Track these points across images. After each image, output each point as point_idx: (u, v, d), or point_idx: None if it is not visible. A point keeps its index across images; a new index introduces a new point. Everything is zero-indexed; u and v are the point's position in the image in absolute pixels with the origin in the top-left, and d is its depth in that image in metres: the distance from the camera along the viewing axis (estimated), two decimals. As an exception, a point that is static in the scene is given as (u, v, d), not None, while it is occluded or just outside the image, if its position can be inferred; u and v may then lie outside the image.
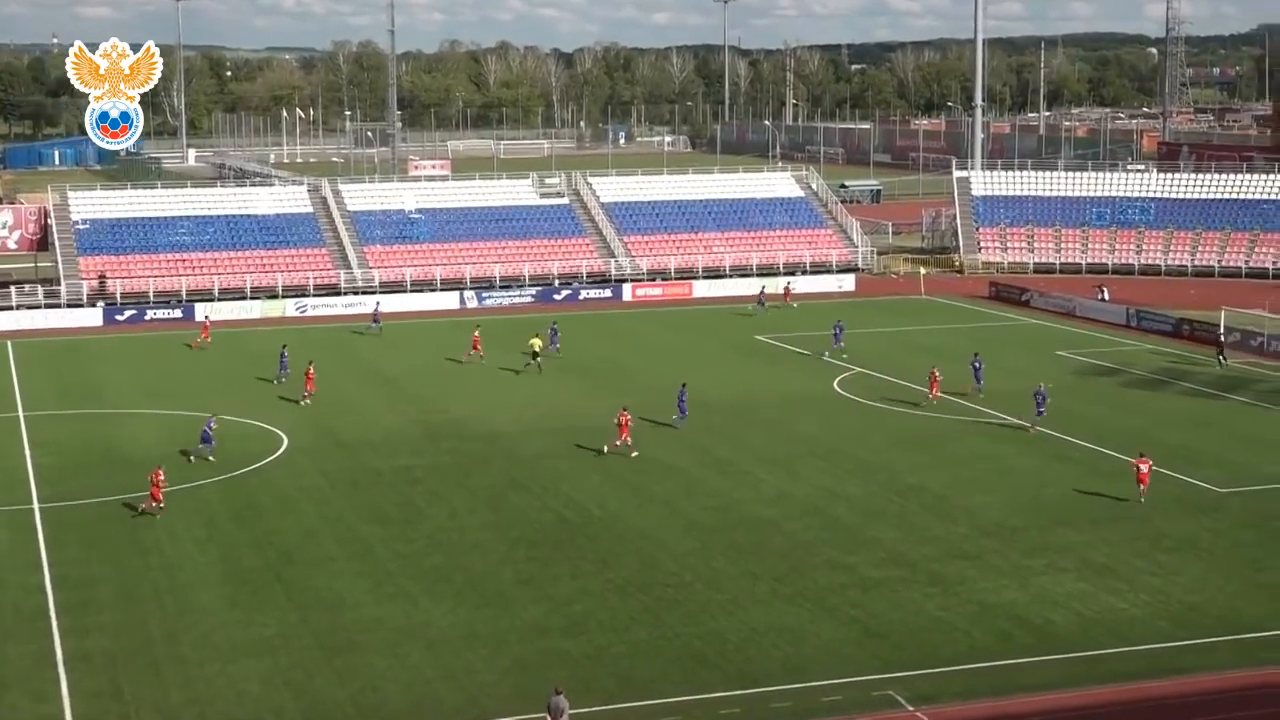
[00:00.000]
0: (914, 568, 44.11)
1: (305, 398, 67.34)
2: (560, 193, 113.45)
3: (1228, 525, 48.18)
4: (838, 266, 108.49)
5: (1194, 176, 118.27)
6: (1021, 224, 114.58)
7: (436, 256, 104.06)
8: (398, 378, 74.14)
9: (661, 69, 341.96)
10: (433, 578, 43.51)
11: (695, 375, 73.54)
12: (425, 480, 54.35)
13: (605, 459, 56.87)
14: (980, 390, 67.66)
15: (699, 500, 51.46)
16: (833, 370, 74.29)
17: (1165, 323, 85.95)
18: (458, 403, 67.69)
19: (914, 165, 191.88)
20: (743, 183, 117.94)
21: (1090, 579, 42.99)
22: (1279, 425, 62.69)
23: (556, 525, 48.70)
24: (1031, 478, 54.20)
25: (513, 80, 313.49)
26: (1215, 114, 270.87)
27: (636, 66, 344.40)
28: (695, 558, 45.15)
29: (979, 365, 68.77)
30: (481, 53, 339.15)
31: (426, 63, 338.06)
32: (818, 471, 55.15)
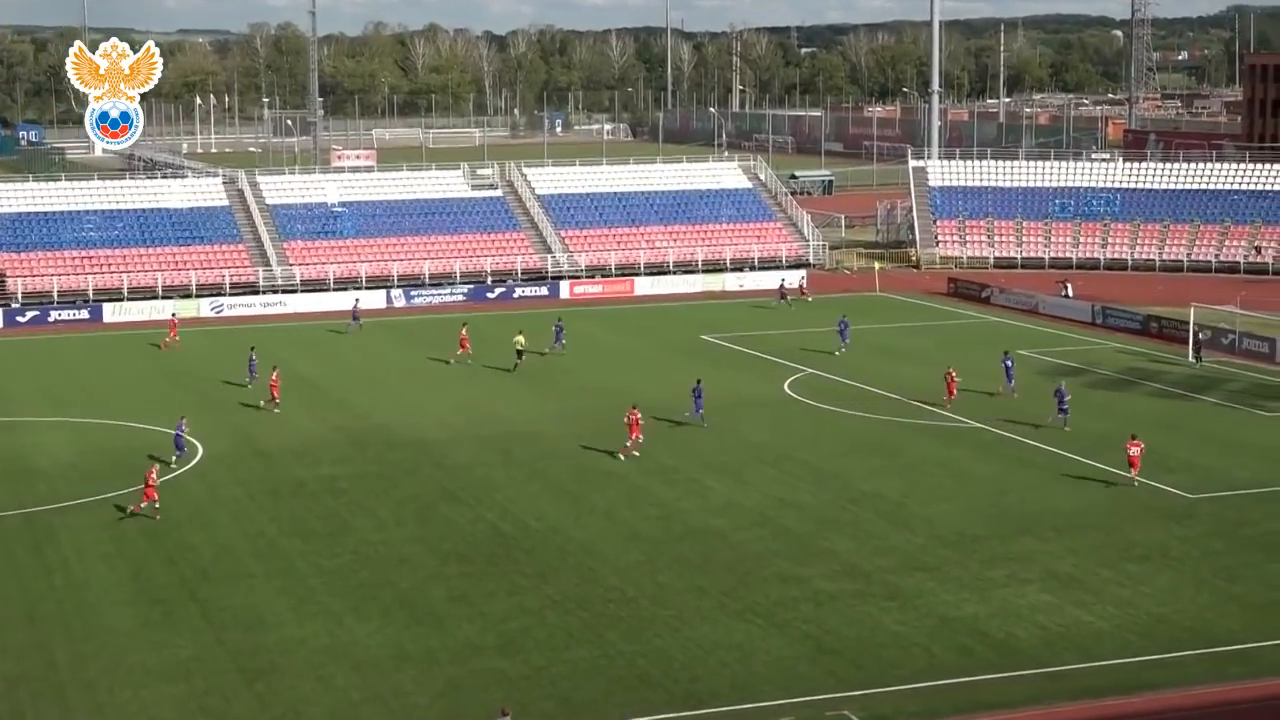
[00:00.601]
0: (869, 580, 44.28)
1: (271, 404, 66.89)
2: (493, 185, 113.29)
3: (1198, 533, 48.61)
4: (787, 262, 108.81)
5: (1161, 166, 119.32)
6: (981, 216, 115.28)
7: (361, 253, 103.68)
8: (319, 382, 73.82)
9: (600, 53, 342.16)
10: (359, 595, 43.33)
11: (637, 377, 73.63)
12: (350, 491, 54.13)
13: (542, 468, 56.83)
14: (1013, 391, 68.07)
15: (642, 510, 51.47)
16: (783, 372, 74.50)
17: (1132, 320, 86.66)
18: (383, 408, 67.48)
19: (867, 155, 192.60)
20: (687, 173, 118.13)
21: (1055, 590, 43.27)
22: (1251, 427, 63.34)
23: (490, 538, 48.61)
24: (992, 484, 54.52)
25: (442, 65, 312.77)
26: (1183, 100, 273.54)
27: (573, 50, 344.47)
28: (638, 571, 45.17)
29: (1010, 364, 69.25)
30: (408, 35, 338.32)
31: (350, 46, 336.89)
32: (768, 479, 55.28)
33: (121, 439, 62.23)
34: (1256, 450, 59.12)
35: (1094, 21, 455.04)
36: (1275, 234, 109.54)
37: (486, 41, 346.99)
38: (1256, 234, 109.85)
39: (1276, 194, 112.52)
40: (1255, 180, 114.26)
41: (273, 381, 67.54)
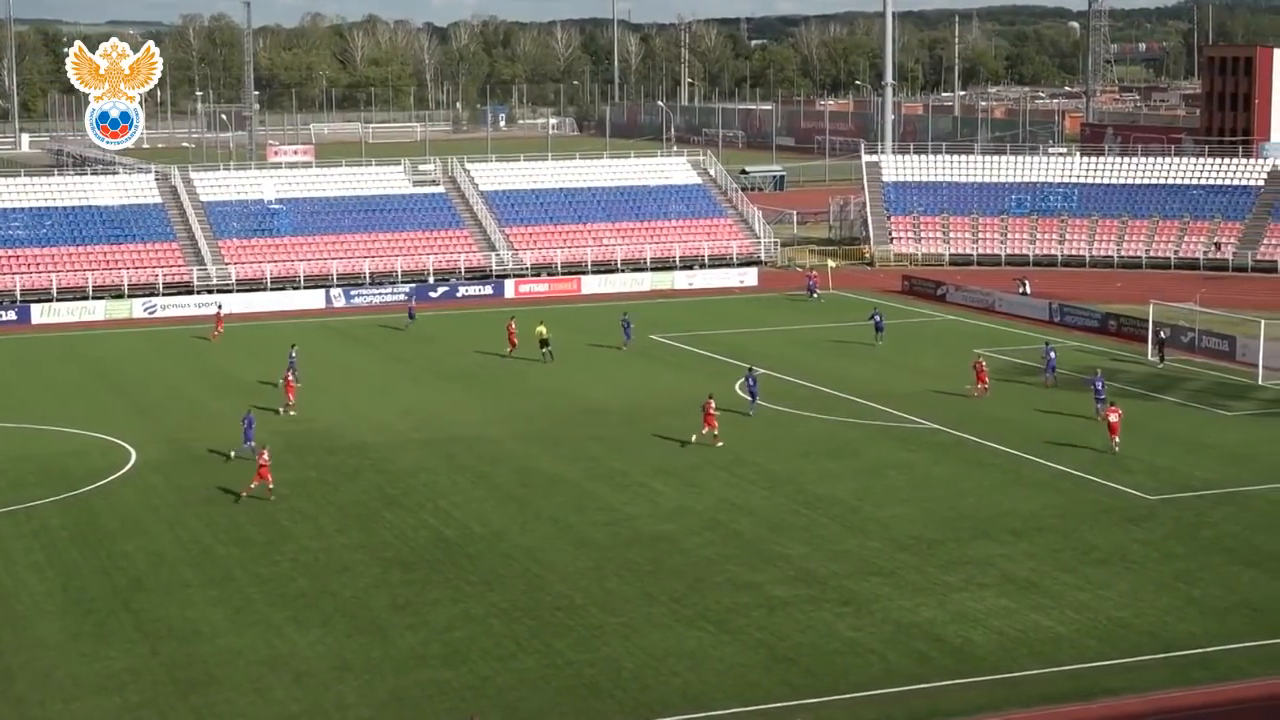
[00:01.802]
0: (824, 585, 44.43)
1: (287, 407, 66.67)
2: (435, 181, 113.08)
3: (1159, 536, 48.97)
4: (738, 259, 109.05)
5: (1119, 160, 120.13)
6: (936, 212, 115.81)
7: (299, 251, 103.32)
8: (256, 385, 73.49)
9: (545, 45, 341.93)
10: (298, 604, 43.20)
11: (585, 379, 73.65)
12: (289, 497, 53.93)
13: (487, 472, 56.79)
14: (1054, 381, 70.52)
15: (590, 515, 51.49)
16: (735, 372, 74.63)
17: (1091, 318, 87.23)
18: (323, 412, 67.26)
19: (820, 149, 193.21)
20: (634, 169, 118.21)
21: (1013, 595, 43.52)
22: (1212, 427, 63.86)
23: (434, 545, 48.54)
24: (948, 486, 54.78)
25: (382, 57, 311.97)
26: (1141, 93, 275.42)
27: (517, 42, 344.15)
28: (586, 578, 45.18)
29: (1053, 355, 71.83)
30: (347, 27, 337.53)
31: (286, 38, 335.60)
32: (719, 483, 55.39)
33: (49, 445, 61.80)
34: (1217, 451, 59.60)
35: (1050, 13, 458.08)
36: (1235, 230, 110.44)
37: (427, 33, 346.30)
38: (1216, 230, 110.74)
39: (1236, 189, 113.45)
40: (1214, 175, 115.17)
41: (288, 383, 67.23)
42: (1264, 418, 65.91)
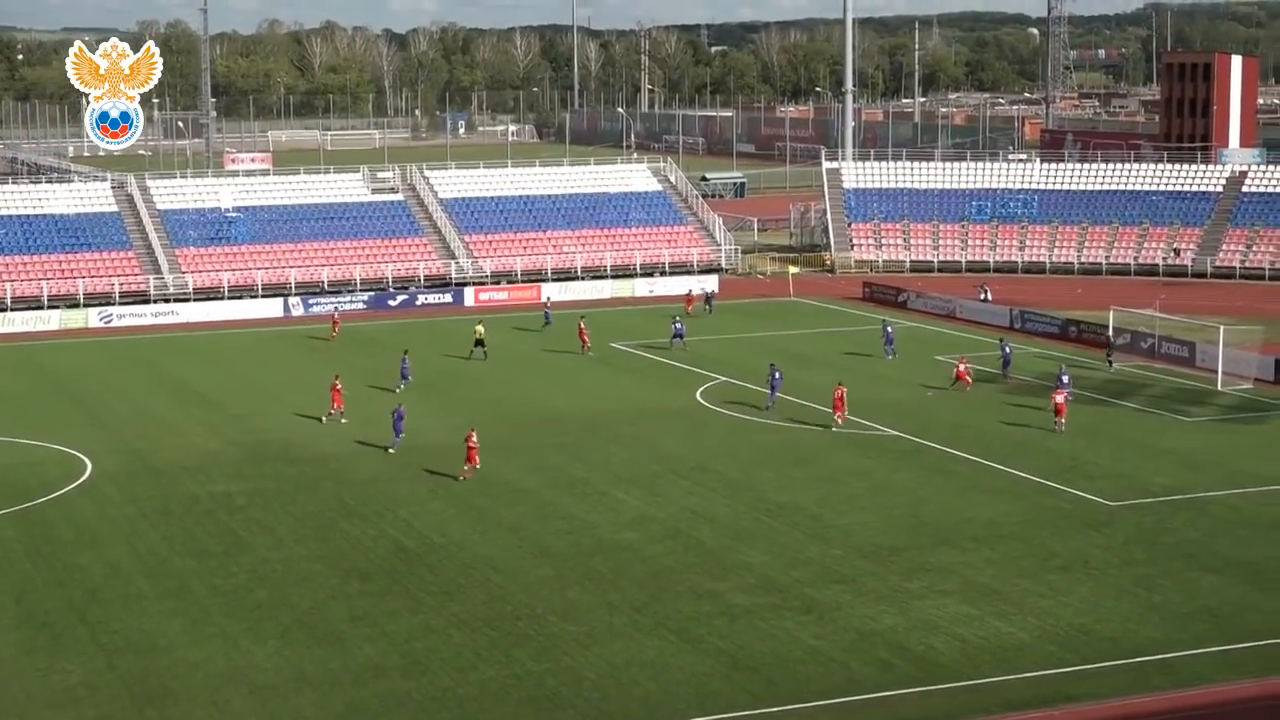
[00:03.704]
0: (785, 593, 44.46)
1: (336, 414, 66.23)
2: (394, 188, 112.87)
3: (1119, 542, 49.17)
4: (699, 266, 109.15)
5: (1079, 166, 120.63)
6: (896, 219, 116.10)
7: (257, 259, 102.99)
8: (214, 395, 73.23)
9: (504, 51, 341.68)
10: (256, 615, 43.02)
11: (545, 386, 73.57)
12: (247, 508, 53.73)
13: (446, 481, 56.64)
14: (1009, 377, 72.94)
15: (551, 525, 51.44)
16: (695, 380, 74.68)
17: (1051, 324, 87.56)
18: (282, 422, 67.02)
19: (780, 156, 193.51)
20: (594, 176, 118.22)
21: (974, 602, 43.62)
22: (1171, 433, 64.16)
23: (393, 555, 48.41)
24: (909, 494, 54.90)
25: (340, 64, 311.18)
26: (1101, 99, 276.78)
27: (477, 49, 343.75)
28: (547, 588, 45.12)
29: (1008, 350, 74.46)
30: (305, 34, 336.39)
31: (243, 45, 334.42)
32: (680, 491, 55.39)
33: (3, 456, 61.39)
34: (1176, 456, 59.89)
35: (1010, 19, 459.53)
36: (1194, 236, 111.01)
37: (386, 40, 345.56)
38: (1175, 236, 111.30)
39: (1195, 195, 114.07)
40: (1173, 181, 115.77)
41: (335, 389, 66.79)
42: (1223, 423, 66.25)
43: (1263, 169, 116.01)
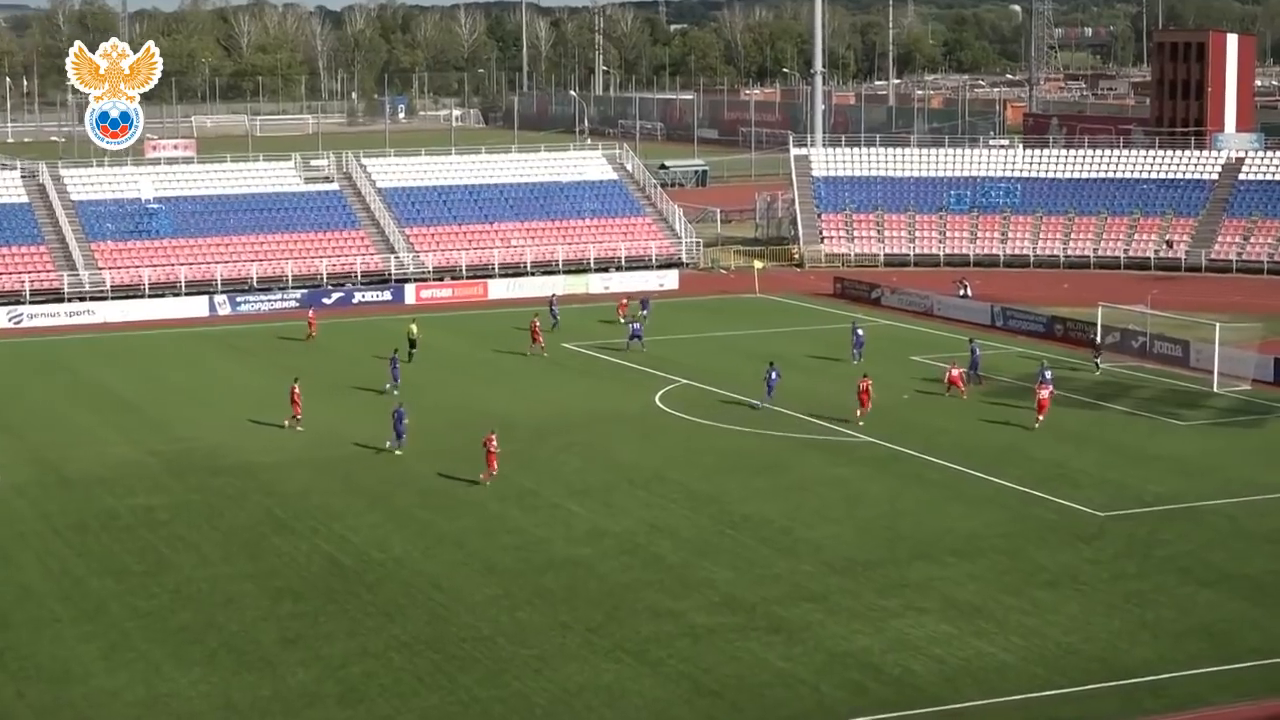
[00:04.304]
0: (751, 612, 44.47)
1: (294, 421, 65.94)
2: (329, 177, 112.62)
3: (1109, 555, 49.35)
4: (658, 261, 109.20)
5: (1065, 153, 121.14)
6: (869, 209, 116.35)
7: (180, 254, 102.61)
8: (133, 400, 72.92)
9: (447, 30, 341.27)
10: (179, 639, 42.82)
11: (492, 390, 73.46)
12: (169, 523, 53.50)
13: (386, 493, 56.52)
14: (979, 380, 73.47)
15: (499, 540, 51.35)
16: (653, 383, 74.67)
17: (1035, 322, 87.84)
18: (207, 429, 66.79)
19: (745, 142, 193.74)
20: (545, 164, 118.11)
21: (954, 620, 43.71)
22: (1164, 438, 64.44)
23: (329, 572, 48.26)
24: (885, 504, 54.99)
25: (270, 44, 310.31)
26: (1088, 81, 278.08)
27: (418, 27, 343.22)
28: (495, 607, 45.04)
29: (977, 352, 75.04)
30: (232, 11, 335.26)
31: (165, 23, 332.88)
32: (638, 503, 55.37)
33: (-94, 468, 61.06)
34: (1170, 463, 60.16)
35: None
36: (1187, 226, 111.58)
37: (319, 18, 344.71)
38: (1168, 226, 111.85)
39: (1188, 183, 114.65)
40: (1166, 168, 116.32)
41: (294, 394, 66.43)
42: (1219, 427, 66.59)
43: (1260, 155, 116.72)
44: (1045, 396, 65.34)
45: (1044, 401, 65.28)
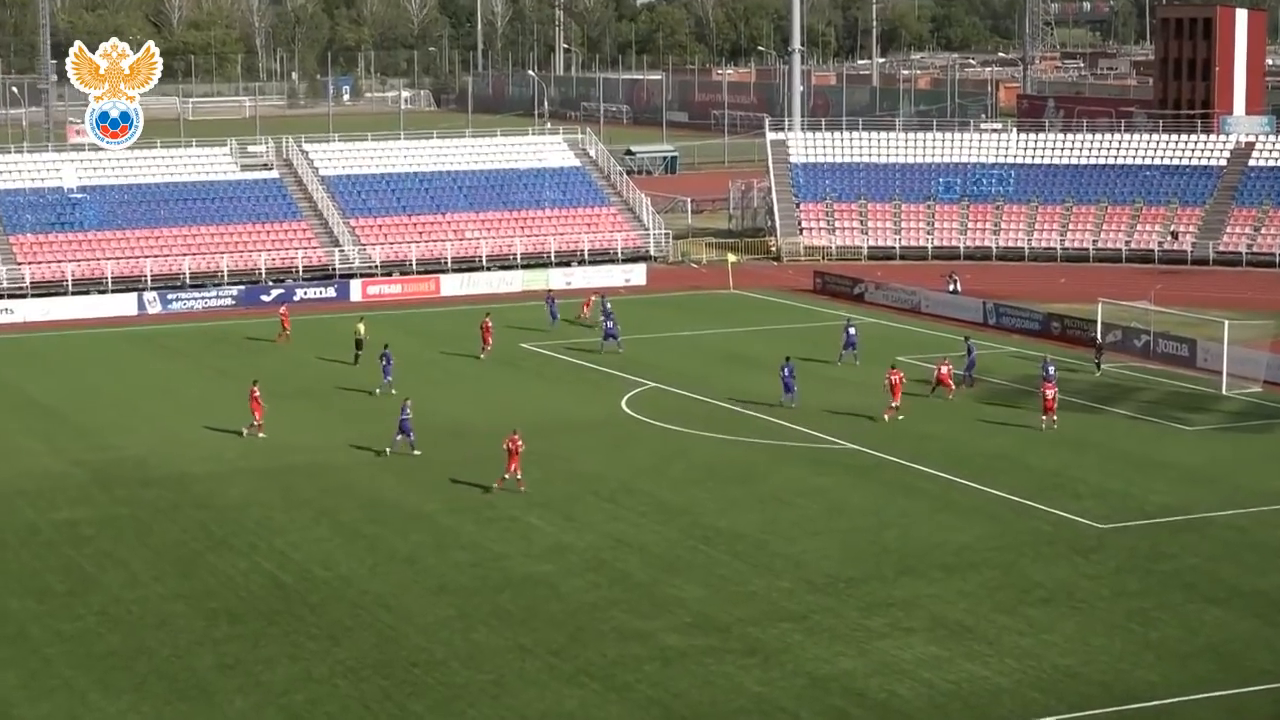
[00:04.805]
0: (726, 633, 44.51)
1: (254, 428, 65.78)
2: (267, 164, 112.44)
3: (1110, 570, 49.50)
4: (624, 254, 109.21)
5: (1062, 137, 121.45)
6: (852, 198, 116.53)
7: (106, 248, 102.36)
8: (56, 406, 72.69)
9: (396, 5, 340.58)
10: (106, 665, 42.71)
11: (444, 395, 73.40)
12: (95, 538, 53.35)
13: (331, 506, 56.45)
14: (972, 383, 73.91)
15: (453, 556, 51.33)
16: (620, 386, 74.68)
17: (1031, 319, 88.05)
18: (137, 438, 66.62)
19: (717, 126, 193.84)
20: (502, 150, 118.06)
21: (944, 641, 43.80)
22: (1169, 444, 64.67)
23: (269, 592, 48.17)
24: (870, 516, 55.08)
25: (203, 20, 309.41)
26: (1086, 60, 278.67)
27: (363, 2, 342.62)
28: (449, 629, 45.01)
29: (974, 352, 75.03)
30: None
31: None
32: (603, 515, 55.37)
33: None
34: (1175, 471, 60.37)
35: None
36: (1194, 216, 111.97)
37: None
38: (1173, 216, 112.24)
39: (1195, 169, 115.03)
40: (1170, 153, 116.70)
41: (254, 398, 66.16)
42: (1228, 432, 66.85)
43: (1272, 139, 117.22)
44: (1051, 395, 65.68)
45: (1050, 402, 65.86)
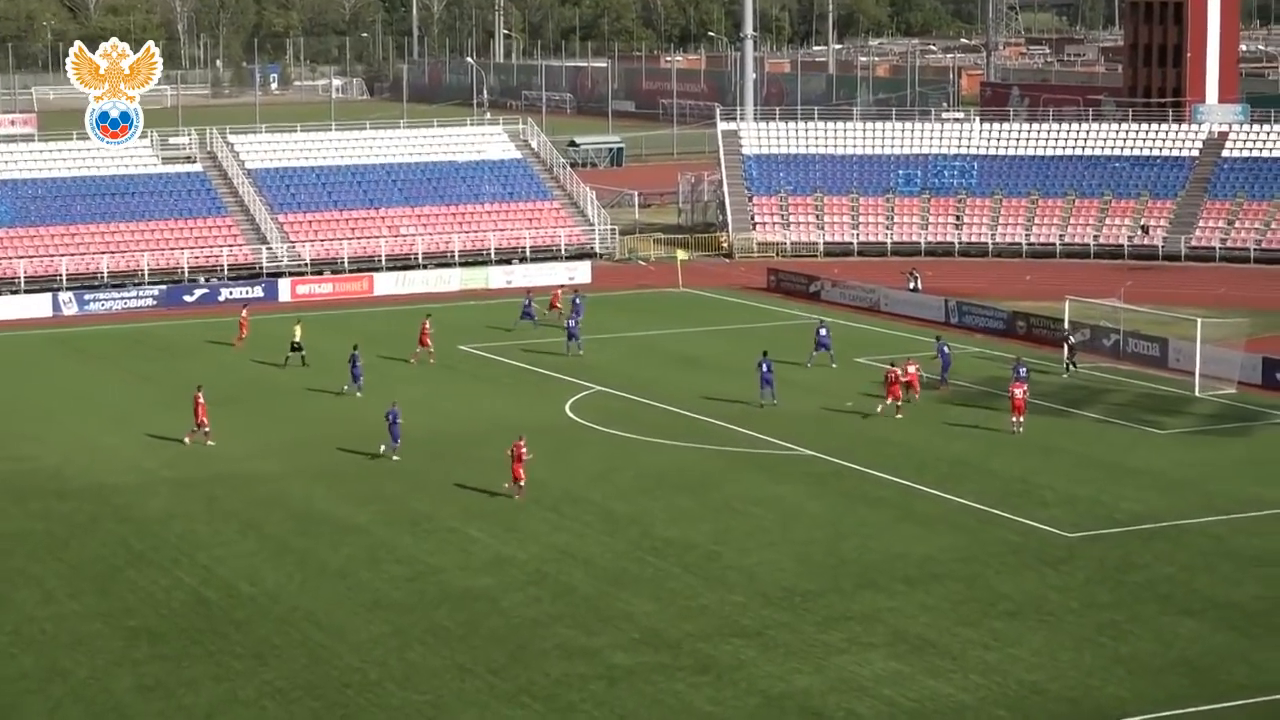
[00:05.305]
0: (676, 650, 44.52)
1: (201, 435, 65.61)
2: (190, 157, 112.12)
3: (1079, 581, 49.66)
4: (568, 251, 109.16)
5: (1027, 127, 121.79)
6: (807, 191, 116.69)
7: (19, 246, 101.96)
8: (-31, 414, 72.41)
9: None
10: (19, 688, 42.48)
11: (378, 400, 73.19)
12: (8, 554, 53.11)
13: (258, 519, 56.27)
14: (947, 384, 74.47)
15: (387, 570, 51.23)
16: (564, 390, 74.65)
17: (995, 318, 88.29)
18: (51, 447, 66.33)
19: (666, 116, 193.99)
20: (439, 141, 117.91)
21: (905, 656, 43.89)
22: (1141, 449, 64.91)
23: (192, 609, 48.00)
24: (827, 526, 55.16)
25: (122, 4, 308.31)
26: (1052, 46, 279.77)
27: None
28: (383, 647, 44.92)
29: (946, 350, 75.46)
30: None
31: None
32: (546, 526, 55.34)
33: None
34: (1147, 477, 60.62)
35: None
36: (1165, 210, 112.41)
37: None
38: (1143, 210, 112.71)
39: (1165, 160, 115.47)
40: (1141, 144, 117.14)
41: (198, 403, 65.92)
42: (1202, 436, 67.16)
43: (1246, 129, 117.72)
44: (1020, 396, 65.86)
45: (1020, 402, 66.06)
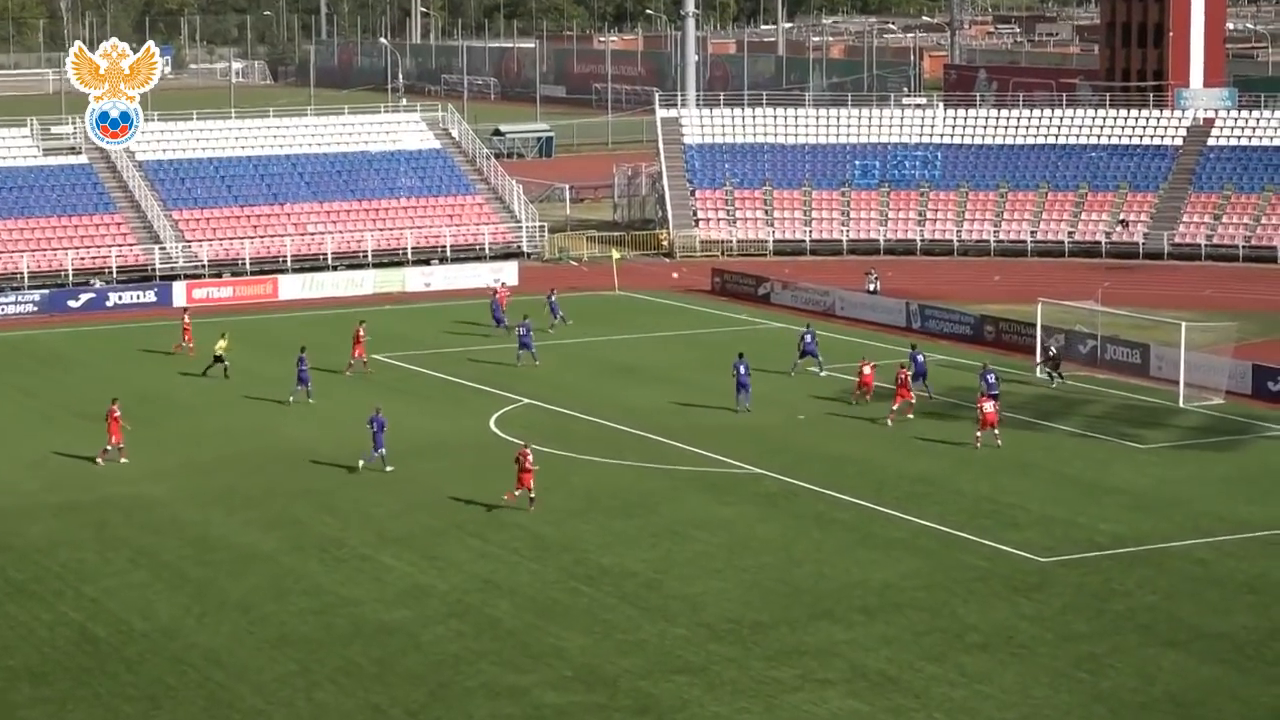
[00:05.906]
0: (613, 688, 44.47)
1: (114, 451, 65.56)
2: (75, 147, 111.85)
3: (1055, 610, 49.75)
4: (492, 251, 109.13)
5: (995, 114, 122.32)
6: (755, 184, 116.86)
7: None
8: None
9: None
10: (-114, 735, 42.26)
11: (284, 415, 73.06)
12: (-127, 587, 52.80)
13: (151, 547, 56.05)
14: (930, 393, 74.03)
15: (293, 602, 51.06)
16: (488, 403, 74.56)
17: (961, 323, 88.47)
18: (-78, 467, 65.99)
19: (600, 102, 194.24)
20: (350, 130, 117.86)
21: (864, 694, 43.92)
22: (1120, 464, 65.10)
23: (78, 647, 47.75)
24: (778, 551, 55.16)
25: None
26: (1022, 24, 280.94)
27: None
28: (290, 688, 44.77)
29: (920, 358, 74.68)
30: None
31: None
32: (470, 553, 55.24)
33: None
34: (1127, 495, 60.80)
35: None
36: (1146, 203, 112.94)
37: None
38: (1122, 203, 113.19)
39: (1147, 149, 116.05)
40: (1119, 132, 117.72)
41: (113, 418, 65.82)
42: (1187, 451, 67.39)
43: (1233, 115, 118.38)
44: (991, 409, 65.91)
45: (990, 415, 66.09)
